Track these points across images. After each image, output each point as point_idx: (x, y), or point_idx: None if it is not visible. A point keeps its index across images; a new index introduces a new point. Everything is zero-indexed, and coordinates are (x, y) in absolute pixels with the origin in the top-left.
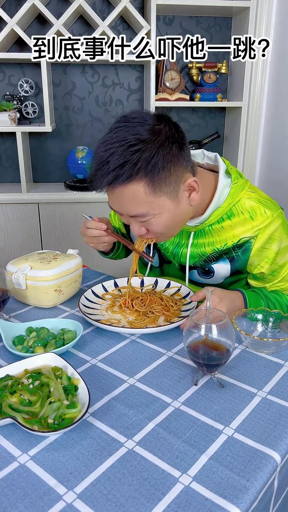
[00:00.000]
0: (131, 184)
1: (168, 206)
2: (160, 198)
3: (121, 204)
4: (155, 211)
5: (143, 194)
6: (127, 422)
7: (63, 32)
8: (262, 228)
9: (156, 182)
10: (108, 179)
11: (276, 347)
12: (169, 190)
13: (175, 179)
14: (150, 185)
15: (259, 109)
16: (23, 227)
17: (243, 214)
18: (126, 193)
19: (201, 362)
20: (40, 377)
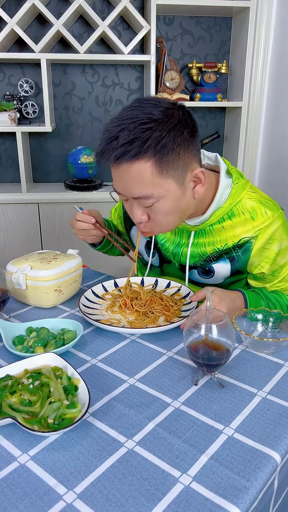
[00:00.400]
0: (138, 162)
1: (173, 191)
2: (167, 180)
3: (126, 184)
4: (160, 194)
5: (150, 174)
6: (127, 422)
7: (63, 32)
8: (263, 228)
9: (164, 163)
10: (116, 154)
11: (276, 347)
12: (176, 174)
13: (183, 164)
14: (157, 166)
15: (259, 109)
16: (23, 227)
17: (243, 214)
18: (133, 171)
19: (201, 362)
20: (40, 377)
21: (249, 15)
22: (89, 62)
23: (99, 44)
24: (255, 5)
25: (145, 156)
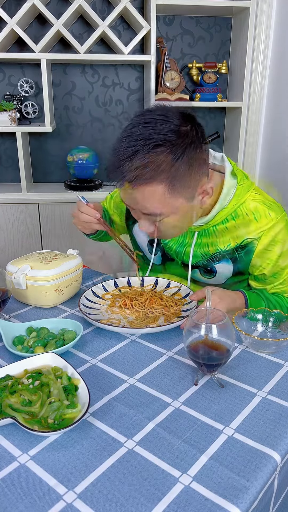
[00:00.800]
0: (151, 185)
1: (182, 208)
2: (178, 200)
3: (137, 202)
4: (170, 211)
5: (162, 196)
6: (127, 422)
7: (63, 32)
8: (266, 230)
9: (176, 185)
10: (129, 177)
11: (276, 347)
12: (186, 193)
13: (194, 183)
14: (170, 188)
15: (259, 109)
16: (23, 227)
17: (247, 215)
18: (145, 193)
19: (201, 362)
20: (40, 377)
21: (249, 15)
22: (89, 62)
23: (99, 44)
24: (255, 5)
25: (158, 179)
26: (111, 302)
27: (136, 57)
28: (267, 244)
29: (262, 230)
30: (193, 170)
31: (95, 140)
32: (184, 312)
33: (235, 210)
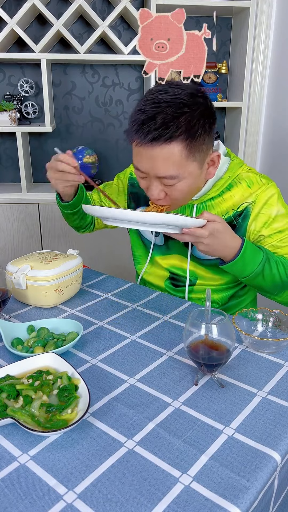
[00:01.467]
0: (171, 144)
1: (195, 173)
2: (192, 163)
3: (154, 164)
4: (184, 175)
5: (179, 157)
6: (127, 422)
7: (63, 32)
8: (259, 193)
9: (193, 147)
10: (152, 135)
11: (276, 347)
12: (199, 158)
13: (206, 149)
14: (187, 149)
15: (259, 109)
16: (23, 227)
17: (241, 183)
18: (164, 153)
19: (201, 362)
20: (40, 377)
21: (249, 15)
22: (89, 62)
23: (99, 44)
24: (255, 5)
25: (178, 139)
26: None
27: (136, 57)
28: (260, 207)
29: (256, 193)
30: (207, 135)
31: (95, 140)
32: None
33: (230, 182)
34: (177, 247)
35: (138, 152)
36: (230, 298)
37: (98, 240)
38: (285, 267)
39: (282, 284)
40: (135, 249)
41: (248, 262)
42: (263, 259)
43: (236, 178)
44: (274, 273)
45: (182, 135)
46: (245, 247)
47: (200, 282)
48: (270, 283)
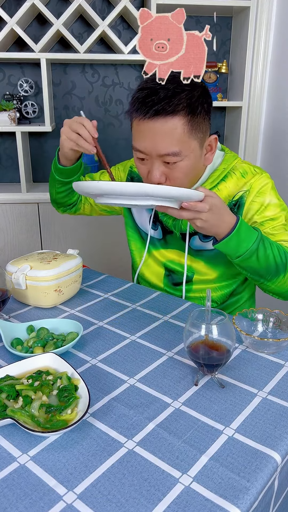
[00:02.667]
0: (173, 119)
1: (195, 152)
2: (193, 141)
3: (157, 140)
4: (186, 153)
5: (181, 132)
6: (127, 423)
7: (63, 32)
8: (253, 182)
9: (194, 124)
10: (155, 108)
11: (276, 347)
12: (200, 137)
13: (205, 129)
14: (189, 125)
15: (259, 109)
16: (23, 227)
17: (235, 173)
18: (167, 127)
19: (202, 362)
20: (40, 377)
21: (249, 15)
22: (89, 62)
23: (99, 43)
24: (255, 5)
25: (180, 113)
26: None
27: (136, 56)
28: (254, 194)
29: (250, 182)
30: (206, 115)
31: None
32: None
33: (225, 174)
34: (175, 241)
35: (140, 130)
36: (229, 297)
37: (98, 240)
38: (279, 250)
39: (276, 267)
40: (132, 243)
41: (243, 239)
42: (258, 238)
43: (230, 169)
44: (268, 254)
45: (184, 110)
46: (240, 223)
47: (197, 277)
48: (264, 265)
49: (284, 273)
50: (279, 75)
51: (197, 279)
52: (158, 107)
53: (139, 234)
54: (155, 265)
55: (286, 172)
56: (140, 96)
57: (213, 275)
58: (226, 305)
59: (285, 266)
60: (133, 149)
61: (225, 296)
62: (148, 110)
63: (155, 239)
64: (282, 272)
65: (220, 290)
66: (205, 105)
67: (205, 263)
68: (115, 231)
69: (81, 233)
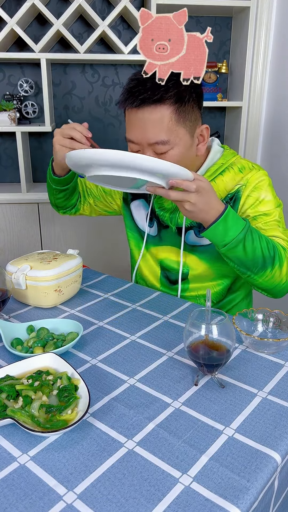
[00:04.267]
0: (161, 107)
1: (185, 141)
2: (181, 130)
3: (146, 128)
4: (175, 141)
5: (169, 120)
6: (127, 423)
7: (63, 32)
8: (250, 177)
9: (181, 112)
10: (142, 97)
11: (276, 347)
12: (189, 126)
13: (195, 118)
14: (176, 113)
15: (259, 109)
16: (23, 227)
17: (233, 168)
18: (154, 115)
19: (202, 362)
20: (40, 377)
21: (249, 15)
22: (89, 62)
23: (99, 44)
24: (255, 5)
25: (167, 102)
26: None
27: (136, 57)
28: (250, 189)
29: (247, 177)
30: (195, 104)
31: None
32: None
33: (223, 169)
34: (170, 236)
35: (130, 120)
36: (225, 295)
37: (98, 240)
38: (267, 243)
39: (263, 260)
40: (131, 241)
41: (230, 226)
42: (245, 227)
43: (229, 164)
44: (255, 246)
45: (171, 99)
46: (228, 210)
47: (192, 274)
48: (250, 256)
49: (272, 267)
50: (279, 75)
51: (192, 276)
52: (144, 96)
53: (137, 232)
54: (152, 263)
55: (286, 171)
56: (128, 86)
57: (208, 272)
58: (223, 304)
59: (273, 260)
60: (126, 141)
61: (221, 295)
62: (135, 99)
63: (150, 236)
64: (269, 266)
65: (215, 288)
66: (193, 95)
67: (200, 259)
68: (115, 231)
69: (81, 233)
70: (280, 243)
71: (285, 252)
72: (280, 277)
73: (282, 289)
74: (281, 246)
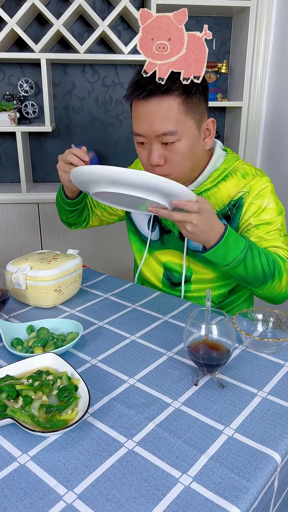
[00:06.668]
0: (168, 97)
1: (193, 132)
2: (189, 121)
3: (153, 119)
4: (183, 132)
5: (177, 111)
6: (127, 423)
7: (63, 32)
8: (253, 184)
9: (189, 103)
10: (149, 88)
11: (276, 347)
12: (196, 118)
13: (201, 110)
14: (184, 104)
15: (259, 109)
16: (23, 227)
17: (236, 174)
18: (162, 106)
19: (201, 362)
20: (40, 377)
21: (249, 15)
22: (89, 62)
23: (99, 44)
24: (255, 5)
25: (174, 93)
26: None
27: (136, 57)
28: (253, 197)
29: (250, 184)
30: (202, 97)
31: (95, 140)
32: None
33: (226, 174)
34: (172, 241)
35: (137, 113)
36: (227, 296)
37: (98, 240)
38: (267, 258)
39: (263, 276)
40: (133, 245)
41: (231, 248)
42: (245, 247)
43: (232, 170)
44: (256, 263)
45: (178, 90)
46: (228, 232)
47: (195, 277)
48: (251, 273)
49: (272, 281)
50: (279, 75)
51: (195, 279)
52: (152, 86)
53: (139, 236)
54: (155, 265)
55: (285, 172)
56: (135, 79)
57: (211, 275)
58: (224, 304)
59: (273, 275)
60: (133, 135)
61: (223, 296)
62: (143, 90)
63: (152, 240)
64: (269, 280)
65: (218, 290)
66: (200, 87)
67: (202, 263)
68: (115, 231)
69: (81, 233)
70: (280, 253)
71: (285, 264)
72: (280, 288)
73: (282, 298)
74: (280, 258)
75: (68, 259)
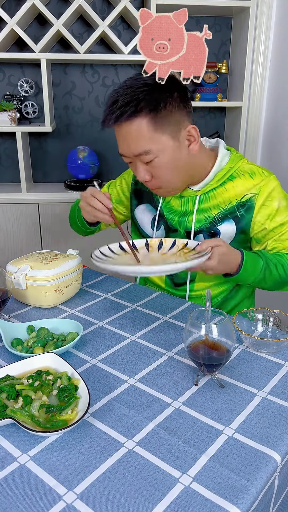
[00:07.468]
0: (135, 120)
1: (170, 147)
2: (162, 135)
3: (128, 142)
4: (158, 149)
5: (146, 130)
6: (127, 423)
7: (63, 32)
8: (263, 185)
9: (158, 119)
10: (116, 115)
11: (276, 347)
12: (170, 130)
13: (175, 121)
14: (153, 122)
15: (259, 109)
16: (23, 227)
17: (243, 175)
18: (132, 129)
19: (201, 362)
20: (40, 377)
21: (249, 15)
22: (89, 62)
23: (99, 44)
24: (255, 5)
25: (141, 114)
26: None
27: (136, 57)
28: (264, 199)
29: (260, 186)
30: (173, 108)
31: (95, 140)
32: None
33: (231, 173)
34: None
35: (116, 136)
36: (229, 293)
37: (98, 240)
38: (284, 266)
39: (282, 282)
40: None
41: (250, 272)
42: (263, 267)
43: (237, 169)
44: (274, 275)
45: (143, 110)
46: (245, 260)
47: (199, 276)
48: (271, 284)
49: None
50: (279, 75)
51: (199, 278)
52: (117, 113)
53: (142, 236)
54: None
55: (286, 171)
56: (105, 109)
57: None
58: (226, 303)
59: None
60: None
61: (224, 294)
62: (111, 118)
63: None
64: (287, 284)
65: (219, 287)
66: (169, 98)
67: None
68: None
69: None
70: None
71: None
72: None
73: None
74: None
75: (68, 259)
